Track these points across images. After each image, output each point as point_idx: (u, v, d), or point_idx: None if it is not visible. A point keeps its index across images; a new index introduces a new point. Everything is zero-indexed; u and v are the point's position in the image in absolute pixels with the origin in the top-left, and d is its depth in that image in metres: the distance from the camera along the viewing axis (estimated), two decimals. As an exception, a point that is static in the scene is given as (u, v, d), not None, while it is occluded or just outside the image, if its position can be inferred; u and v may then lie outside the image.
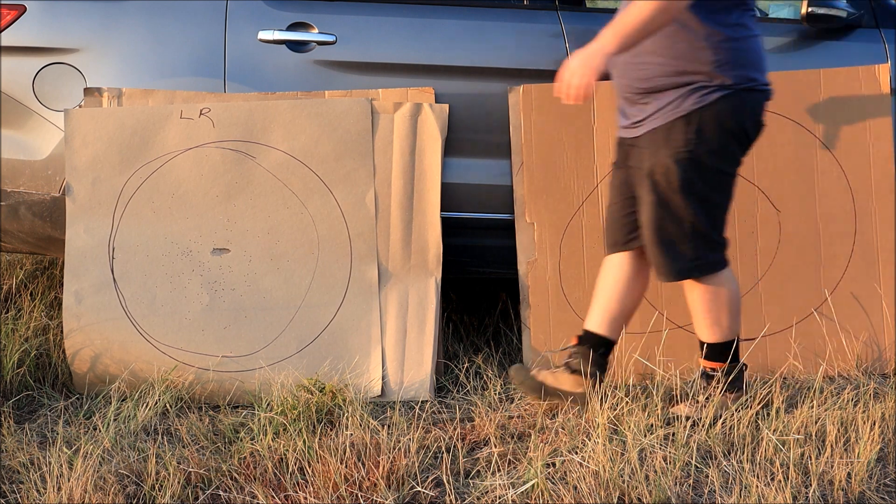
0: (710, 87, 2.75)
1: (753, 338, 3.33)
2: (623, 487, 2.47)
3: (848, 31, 3.53)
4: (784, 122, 3.41)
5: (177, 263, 3.29)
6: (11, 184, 3.38)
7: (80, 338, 3.23)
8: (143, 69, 3.36)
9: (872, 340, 3.36)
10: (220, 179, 3.31)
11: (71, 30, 3.37)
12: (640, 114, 2.84)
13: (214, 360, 3.22)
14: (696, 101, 2.75)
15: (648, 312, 3.34)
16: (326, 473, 2.54)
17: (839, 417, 2.78)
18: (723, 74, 2.74)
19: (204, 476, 2.61)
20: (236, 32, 3.36)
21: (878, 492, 2.54)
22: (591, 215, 3.38)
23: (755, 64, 2.82)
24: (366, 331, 3.26)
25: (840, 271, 3.40)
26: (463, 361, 3.37)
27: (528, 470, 2.55)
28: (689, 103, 2.76)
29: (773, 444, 2.65)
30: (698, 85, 2.75)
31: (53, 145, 3.36)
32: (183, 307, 3.26)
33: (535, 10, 3.46)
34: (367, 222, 3.32)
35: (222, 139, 3.32)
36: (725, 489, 2.51)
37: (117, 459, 2.67)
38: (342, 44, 3.39)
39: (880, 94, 3.41)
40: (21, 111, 3.37)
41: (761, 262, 3.39)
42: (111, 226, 3.30)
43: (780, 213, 3.41)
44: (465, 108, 3.38)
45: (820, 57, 3.50)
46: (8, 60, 3.35)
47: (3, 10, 3.34)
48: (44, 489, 2.50)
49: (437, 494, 2.53)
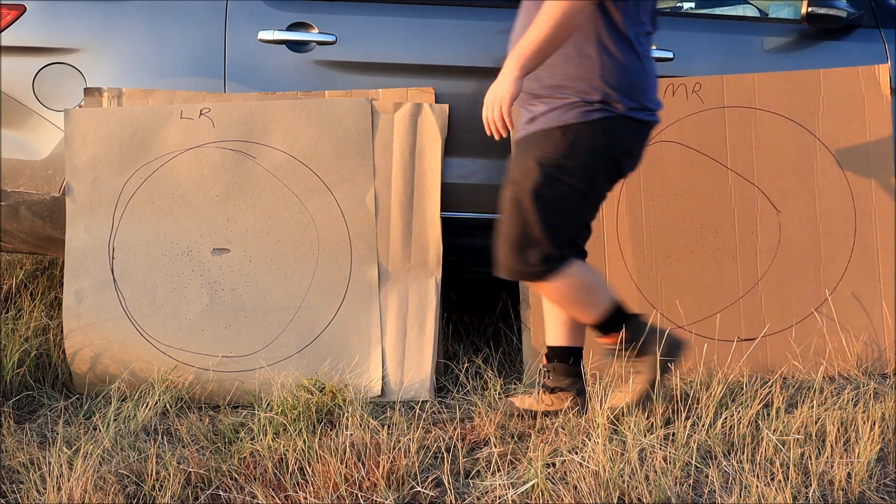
0: (594, 105, 2.67)
1: (753, 338, 3.34)
2: (623, 487, 2.47)
3: (848, 31, 3.53)
4: (784, 122, 3.41)
5: (177, 263, 3.29)
6: (11, 184, 3.38)
7: (80, 338, 3.23)
8: (143, 69, 3.36)
9: (872, 340, 3.37)
10: (220, 179, 3.31)
11: (71, 30, 3.37)
12: (528, 116, 2.80)
13: (214, 360, 3.22)
14: (577, 116, 2.68)
15: (648, 312, 3.34)
16: (326, 473, 2.54)
17: (839, 417, 2.78)
18: (609, 96, 2.67)
19: (204, 476, 2.60)
20: (236, 32, 3.36)
21: (878, 492, 2.54)
22: (591, 215, 3.38)
23: (645, 91, 2.73)
24: (366, 331, 3.26)
25: (840, 271, 3.40)
26: (463, 361, 3.37)
27: (528, 470, 2.55)
28: (570, 116, 2.69)
29: (773, 444, 2.65)
30: (584, 100, 2.67)
31: (53, 145, 3.36)
32: (183, 307, 3.26)
33: (535, 11, 3.46)
34: (367, 222, 3.32)
35: (222, 139, 3.32)
36: (725, 489, 2.51)
37: (117, 459, 2.67)
38: (342, 44, 3.39)
39: (880, 93, 3.41)
40: (21, 111, 3.37)
41: (761, 262, 3.40)
42: (111, 226, 3.30)
43: (780, 213, 3.41)
44: (465, 108, 3.38)
45: (820, 57, 3.50)
46: (8, 60, 3.35)
47: (3, 10, 3.34)
48: (44, 489, 2.50)
49: (437, 494, 2.53)
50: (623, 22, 2.67)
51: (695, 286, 3.37)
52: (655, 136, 3.39)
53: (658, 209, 3.39)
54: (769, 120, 3.42)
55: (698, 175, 3.40)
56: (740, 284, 3.38)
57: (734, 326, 3.35)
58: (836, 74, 3.42)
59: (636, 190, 3.38)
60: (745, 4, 4.29)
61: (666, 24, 3.60)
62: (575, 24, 2.58)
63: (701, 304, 3.36)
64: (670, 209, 3.39)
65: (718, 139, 3.41)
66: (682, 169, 3.40)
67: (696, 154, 3.41)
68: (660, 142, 3.40)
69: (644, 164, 3.37)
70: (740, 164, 3.41)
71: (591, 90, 2.67)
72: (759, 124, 3.41)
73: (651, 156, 3.39)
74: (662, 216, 3.39)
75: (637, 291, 3.36)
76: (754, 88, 3.41)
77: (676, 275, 3.37)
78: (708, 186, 3.40)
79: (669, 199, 3.39)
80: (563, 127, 2.70)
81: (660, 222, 3.39)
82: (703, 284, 3.37)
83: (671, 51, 3.48)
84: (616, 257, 3.37)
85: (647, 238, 3.38)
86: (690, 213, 3.39)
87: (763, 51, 3.54)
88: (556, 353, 2.97)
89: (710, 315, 3.36)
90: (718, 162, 3.41)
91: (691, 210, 3.39)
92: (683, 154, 3.41)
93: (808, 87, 3.42)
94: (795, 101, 3.41)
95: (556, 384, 2.92)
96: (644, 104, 2.74)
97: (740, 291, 3.38)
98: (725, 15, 3.91)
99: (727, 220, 3.40)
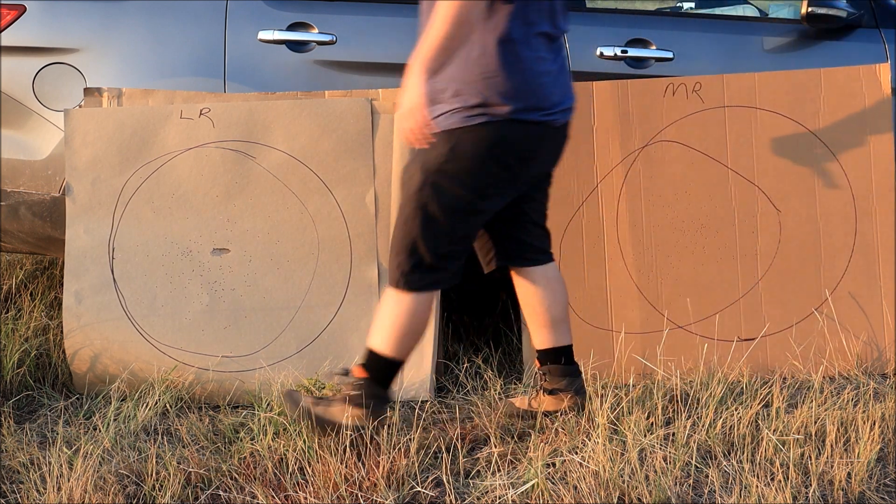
0: (474, 110, 2.59)
1: (753, 338, 3.33)
2: (623, 487, 2.47)
3: (848, 31, 3.53)
4: (784, 121, 3.41)
5: (177, 263, 3.29)
6: (11, 184, 3.38)
7: (80, 338, 3.23)
8: (143, 69, 3.37)
9: (872, 340, 3.36)
10: (220, 179, 3.31)
11: (71, 30, 3.37)
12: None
13: (214, 360, 3.22)
14: (459, 121, 2.61)
15: (648, 312, 3.34)
16: (326, 473, 2.54)
17: (839, 417, 2.78)
18: (490, 100, 2.58)
19: (204, 476, 2.61)
20: (236, 32, 3.36)
21: (878, 492, 2.54)
22: (591, 215, 3.38)
23: (537, 92, 2.63)
24: (366, 331, 3.25)
25: (840, 271, 3.40)
26: (463, 361, 3.36)
27: (528, 470, 2.55)
28: (452, 121, 2.61)
29: (773, 444, 2.65)
30: (465, 105, 2.60)
31: (53, 145, 3.36)
32: (183, 307, 3.26)
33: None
34: (367, 222, 3.32)
35: (222, 139, 3.32)
36: (725, 489, 2.51)
37: (117, 459, 2.67)
38: (342, 44, 3.39)
39: (881, 93, 3.41)
40: (21, 111, 3.37)
41: (761, 262, 3.39)
42: (111, 226, 3.30)
43: (781, 213, 3.41)
44: (465, 108, 3.37)
45: (820, 57, 3.50)
46: (8, 60, 3.35)
47: (3, 10, 3.34)
48: (44, 489, 2.50)
49: (437, 494, 2.53)
50: (508, 23, 2.58)
51: (695, 286, 3.37)
52: (656, 135, 3.39)
53: (658, 209, 3.39)
54: (770, 119, 3.42)
55: (698, 175, 3.40)
56: (740, 284, 3.38)
57: (734, 326, 3.35)
58: (837, 74, 3.42)
59: (636, 190, 3.38)
60: (745, 4, 4.29)
61: (666, 24, 3.60)
62: (471, 20, 2.49)
63: (701, 304, 3.36)
64: (670, 209, 3.39)
65: (719, 139, 3.41)
66: (683, 169, 3.40)
67: (697, 154, 3.41)
68: (660, 141, 3.40)
69: (644, 164, 3.38)
70: (741, 163, 3.41)
71: (470, 94, 2.60)
72: (759, 124, 3.41)
73: (651, 155, 3.39)
74: (662, 216, 3.39)
75: (637, 291, 3.36)
76: (755, 88, 3.41)
77: (676, 274, 3.37)
78: (708, 186, 3.40)
79: (670, 198, 3.39)
80: (447, 132, 2.62)
81: (660, 222, 3.39)
82: (704, 284, 3.37)
83: (671, 51, 3.48)
84: (616, 257, 3.37)
85: (647, 238, 3.38)
86: (690, 212, 3.39)
87: (763, 51, 3.55)
88: (546, 355, 2.93)
89: (710, 315, 3.36)
90: (719, 161, 3.41)
91: (691, 210, 3.39)
92: (684, 154, 3.40)
93: (809, 87, 3.41)
94: (796, 101, 3.41)
95: (553, 385, 2.91)
96: (536, 105, 2.63)
97: (740, 291, 3.38)
98: (725, 15, 3.92)
99: (727, 219, 3.39)
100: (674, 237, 3.39)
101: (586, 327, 3.32)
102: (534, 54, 2.64)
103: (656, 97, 3.39)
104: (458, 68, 2.60)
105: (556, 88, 2.70)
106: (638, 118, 3.39)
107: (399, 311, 2.70)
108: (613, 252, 3.37)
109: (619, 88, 3.39)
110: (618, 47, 3.47)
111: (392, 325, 2.71)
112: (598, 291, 3.36)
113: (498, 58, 2.59)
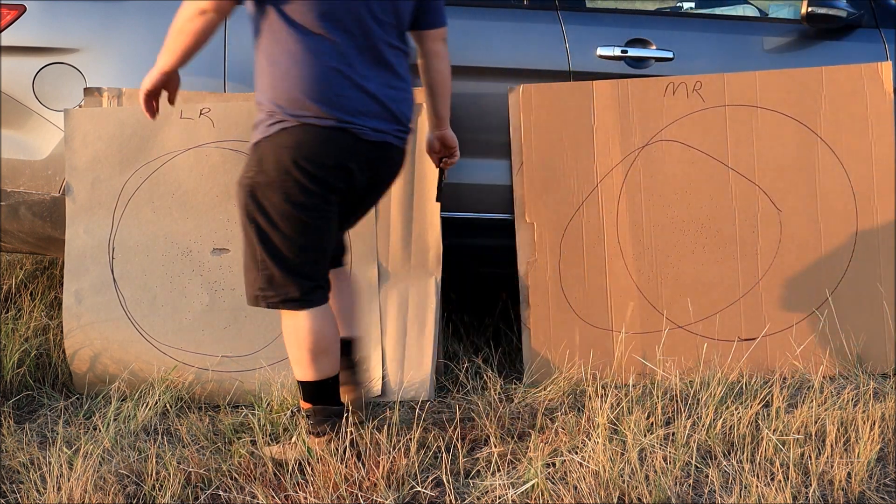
0: (272, 118, 2.53)
1: (754, 337, 3.33)
2: (623, 487, 2.47)
3: (848, 31, 3.53)
4: (785, 120, 3.41)
5: (177, 263, 3.29)
6: (11, 184, 3.38)
7: (80, 338, 3.23)
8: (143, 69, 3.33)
9: (872, 340, 3.36)
10: (220, 179, 3.31)
11: (71, 30, 3.36)
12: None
13: (214, 360, 3.22)
14: (263, 131, 2.55)
15: (648, 312, 3.34)
16: (326, 473, 2.54)
17: (839, 417, 2.78)
18: (282, 108, 2.52)
19: (204, 476, 2.61)
20: (236, 32, 3.36)
21: (878, 492, 2.54)
22: (591, 215, 3.38)
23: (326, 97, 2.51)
24: (366, 331, 3.26)
25: (840, 271, 3.40)
26: (463, 361, 3.37)
27: (528, 470, 2.55)
28: (258, 132, 2.57)
29: (773, 443, 2.65)
30: (266, 114, 2.55)
31: (53, 145, 3.36)
32: (183, 307, 3.26)
33: (535, 11, 3.46)
34: (367, 222, 3.31)
35: (222, 139, 3.32)
36: (725, 489, 2.51)
37: (117, 459, 2.67)
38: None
39: (883, 92, 3.41)
40: (21, 111, 3.37)
41: (762, 261, 3.39)
42: (111, 226, 3.30)
43: (781, 213, 3.41)
44: (465, 108, 3.38)
45: (819, 57, 3.49)
46: (8, 60, 3.35)
47: (3, 10, 3.34)
48: (44, 489, 2.50)
49: (437, 494, 2.53)
50: (287, 29, 2.51)
51: (695, 285, 3.37)
52: (656, 135, 3.39)
53: (659, 208, 3.39)
54: (770, 118, 3.41)
55: (699, 174, 3.40)
56: (741, 284, 3.38)
57: (734, 326, 3.35)
58: (839, 72, 3.41)
59: (636, 189, 3.38)
60: (745, 4, 4.29)
61: (666, 24, 3.60)
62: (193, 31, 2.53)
63: (701, 304, 3.36)
64: (671, 208, 3.39)
65: (719, 138, 3.40)
66: (683, 168, 3.40)
67: (697, 153, 3.41)
68: (660, 141, 3.40)
69: (644, 164, 3.38)
70: (741, 162, 3.40)
71: (267, 103, 2.55)
72: (760, 123, 3.41)
73: (651, 155, 3.39)
74: (663, 215, 3.39)
75: (637, 291, 3.36)
76: (755, 86, 3.41)
77: (677, 274, 3.37)
78: (709, 185, 3.40)
79: (670, 198, 3.39)
80: (255, 144, 2.59)
81: (660, 222, 3.39)
82: (704, 284, 3.37)
83: (671, 51, 3.48)
84: (616, 257, 3.37)
85: (648, 237, 3.38)
86: (691, 212, 3.39)
87: (763, 51, 3.54)
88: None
89: (710, 315, 3.36)
90: (719, 161, 3.41)
91: (692, 209, 3.39)
92: (684, 153, 3.40)
93: (810, 85, 3.41)
94: (797, 100, 3.41)
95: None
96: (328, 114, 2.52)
97: (741, 291, 3.38)
98: (725, 15, 3.91)
99: (728, 219, 3.39)
100: (674, 237, 3.38)
101: (586, 327, 3.33)
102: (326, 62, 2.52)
103: (656, 97, 3.39)
104: (260, 79, 2.58)
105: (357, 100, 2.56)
106: (638, 118, 3.39)
107: (300, 335, 2.62)
108: (613, 252, 3.37)
109: (619, 88, 3.39)
110: (618, 47, 3.47)
111: (301, 350, 2.63)
112: (598, 291, 3.36)
113: (283, 65, 2.52)
